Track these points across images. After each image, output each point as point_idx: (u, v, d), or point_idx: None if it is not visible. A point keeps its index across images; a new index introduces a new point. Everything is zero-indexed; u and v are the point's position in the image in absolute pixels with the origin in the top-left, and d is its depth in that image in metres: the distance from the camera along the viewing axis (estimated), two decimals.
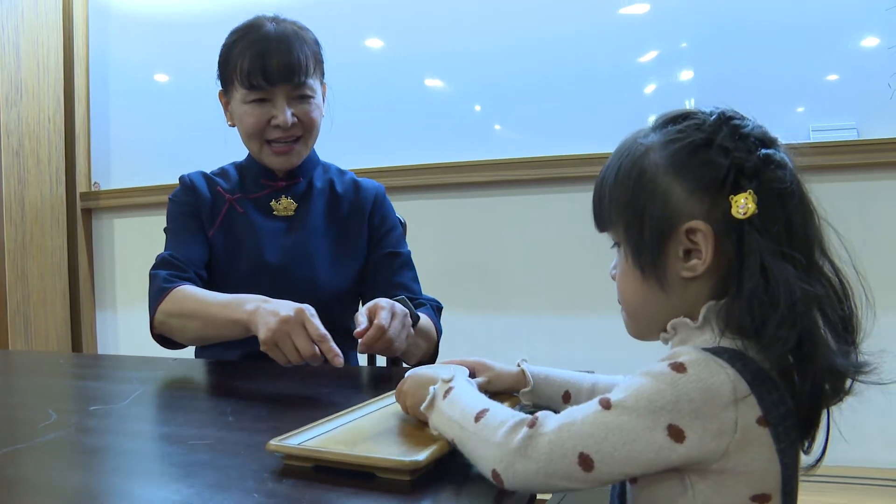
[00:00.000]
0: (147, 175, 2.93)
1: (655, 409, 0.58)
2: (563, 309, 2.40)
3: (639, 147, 0.70)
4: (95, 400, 1.02)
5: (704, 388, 0.59)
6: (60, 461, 0.74)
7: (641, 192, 0.68)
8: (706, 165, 0.65)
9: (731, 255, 0.64)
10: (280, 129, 1.33)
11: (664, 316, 0.70)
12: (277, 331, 1.03)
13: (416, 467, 0.63)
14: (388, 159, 2.55)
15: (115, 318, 3.09)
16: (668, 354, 0.64)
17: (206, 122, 2.73)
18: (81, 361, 1.47)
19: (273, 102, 1.32)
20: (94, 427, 0.86)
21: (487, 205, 2.51)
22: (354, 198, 1.45)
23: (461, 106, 2.52)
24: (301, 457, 0.69)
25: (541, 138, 2.43)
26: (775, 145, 0.68)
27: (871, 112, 2.17)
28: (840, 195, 2.17)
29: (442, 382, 0.73)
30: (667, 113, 0.72)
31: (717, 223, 0.65)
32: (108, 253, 3.08)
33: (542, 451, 0.59)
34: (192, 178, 1.44)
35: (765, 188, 0.64)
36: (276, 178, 1.42)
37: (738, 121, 0.68)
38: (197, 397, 1.05)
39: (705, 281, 0.66)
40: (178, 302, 1.23)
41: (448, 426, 0.68)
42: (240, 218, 1.40)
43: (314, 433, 0.75)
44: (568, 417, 0.61)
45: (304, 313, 1.05)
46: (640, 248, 0.69)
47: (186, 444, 0.78)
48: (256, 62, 1.29)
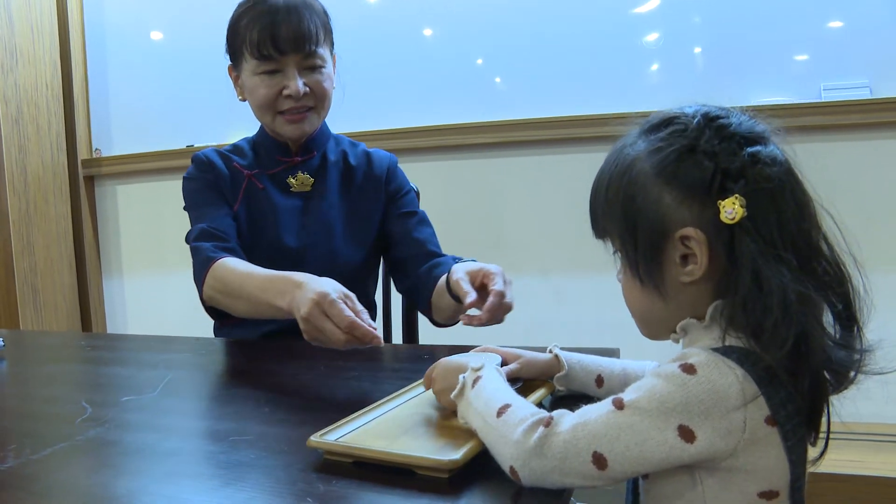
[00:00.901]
0: (149, 141, 2.89)
1: (666, 410, 0.60)
2: (569, 269, 2.40)
3: (626, 157, 0.70)
4: (126, 389, 1.02)
5: (713, 390, 0.60)
6: (105, 462, 0.75)
7: (632, 204, 0.68)
8: (692, 172, 0.65)
9: (725, 258, 0.65)
10: (292, 100, 1.33)
11: (672, 319, 0.71)
12: (307, 331, 1.03)
13: (454, 466, 0.65)
14: (392, 121, 2.52)
15: (121, 285, 3.09)
16: (678, 355, 0.65)
17: (206, 82, 2.71)
18: (102, 343, 1.47)
19: (284, 73, 1.32)
20: (130, 422, 0.87)
21: (493, 166, 2.49)
22: (368, 168, 1.46)
23: (466, 66, 2.49)
24: (341, 453, 0.70)
25: (547, 98, 2.40)
26: (763, 140, 0.67)
27: (884, 70, 2.14)
28: (852, 155, 2.16)
29: (471, 371, 0.75)
30: (651, 117, 0.72)
31: (709, 228, 0.65)
32: (112, 220, 3.06)
33: (558, 450, 0.61)
34: (208, 154, 1.42)
35: (753, 188, 0.64)
36: (290, 153, 1.42)
37: (723, 119, 0.67)
38: (227, 385, 1.06)
39: (707, 282, 0.67)
40: (221, 279, 1.23)
41: (473, 416, 0.70)
42: (260, 194, 1.40)
43: (352, 427, 0.76)
44: (582, 417, 0.63)
45: (322, 303, 1.01)
46: (636, 259, 0.69)
47: (227, 440, 0.79)
48: (265, 32, 1.28)
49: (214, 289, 1.24)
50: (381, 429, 0.76)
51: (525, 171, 2.46)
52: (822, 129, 2.16)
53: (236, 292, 1.20)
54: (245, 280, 1.19)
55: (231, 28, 1.37)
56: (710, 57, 2.29)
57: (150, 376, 1.08)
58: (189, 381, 1.09)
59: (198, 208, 1.38)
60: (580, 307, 2.40)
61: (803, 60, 2.22)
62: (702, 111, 0.69)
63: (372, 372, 1.08)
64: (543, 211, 2.44)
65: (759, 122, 0.69)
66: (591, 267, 2.36)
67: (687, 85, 2.29)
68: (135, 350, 1.34)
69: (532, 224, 2.46)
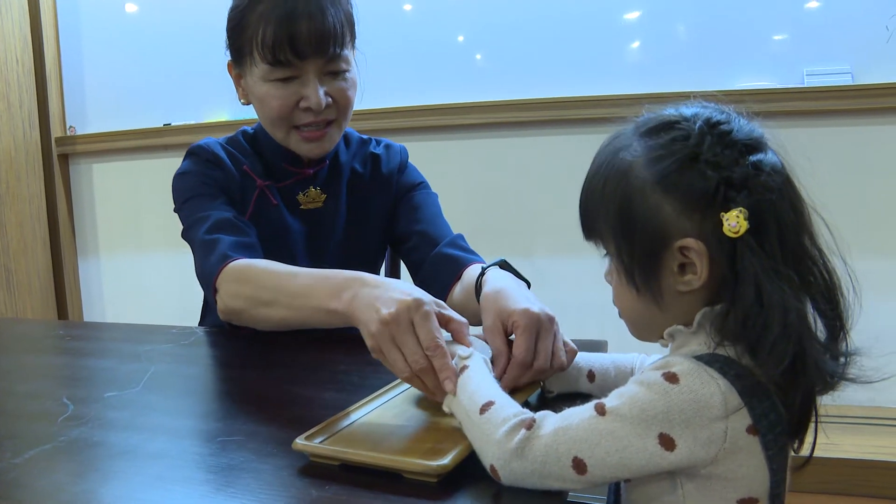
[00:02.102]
0: (125, 118, 2.83)
1: (647, 418, 0.60)
2: (553, 251, 2.41)
3: (622, 162, 0.68)
4: (108, 384, 1.00)
5: (695, 400, 0.60)
6: (90, 466, 0.73)
7: (630, 212, 0.67)
8: (694, 182, 0.64)
9: (726, 269, 0.64)
10: (311, 113, 1.12)
11: (662, 325, 0.71)
12: (380, 335, 0.77)
13: (443, 471, 0.65)
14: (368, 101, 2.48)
15: (98, 266, 3.04)
16: (661, 362, 0.65)
17: (185, 57, 2.66)
18: (81, 332, 1.44)
19: (302, 80, 1.11)
20: (114, 420, 0.85)
21: (474, 147, 2.48)
22: (374, 171, 1.30)
23: (447, 43, 2.46)
24: (328, 456, 0.69)
25: (529, 79, 2.39)
26: (762, 147, 0.66)
27: (867, 56, 2.15)
28: (834, 141, 2.17)
29: (459, 359, 0.75)
30: (649, 119, 0.70)
31: (710, 240, 0.64)
32: (87, 199, 3.00)
33: (538, 453, 0.62)
34: (211, 147, 1.19)
35: (756, 199, 0.63)
36: (301, 163, 1.22)
37: (725, 126, 0.66)
38: (212, 379, 1.04)
39: (700, 291, 0.66)
40: (248, 282, 1.01)
41: (458, 408, 0.71)
42: (272, 212, 1.20)
43: (338, 427, 0.75)
44: (564, 421, 0.63)
45: (415, 309, 0.76)
46: (632, 268, 0.68)
47: (216, 441, 0.78)
48: (282, 31, 1.06)
49: (238, 296, 1.01)
50: (368, 429, 0.76)
51: (506, 152, 2.45)
52: (805, 114, 2.17)
53: (270, 296, 0.98)
54: (283, 280, 0.97)
55: (234, 18, 1.14)
56: (692, 40, 2.28)
57: (132, 369, 1.06)
58: (173, 374, 1.07)
59: (202, 201, 1.14)
60: (564, 290, 2.40)
61: (786, 45, 2.22)
62: (703, 116, 0.67)
63: (359, 365, 1.07)
64: (526, 192, 2.43)
65: (757, 126, 0.68)
66: (574, 249, 2.35)
67: (670, 68, 2.28)
68: (115, 340, 1.31)
69: (514, 206, 2.45)
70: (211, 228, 1.09)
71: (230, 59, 1.19)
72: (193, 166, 1.19)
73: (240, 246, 1.07)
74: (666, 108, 0.70)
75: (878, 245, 2.12)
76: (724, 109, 0.69)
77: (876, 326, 0.67)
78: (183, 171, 1.20)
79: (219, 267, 1.04)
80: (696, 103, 0.70)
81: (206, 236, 1.08)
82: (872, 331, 0.68)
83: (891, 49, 2.13)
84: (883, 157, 2.14)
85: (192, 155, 1.21)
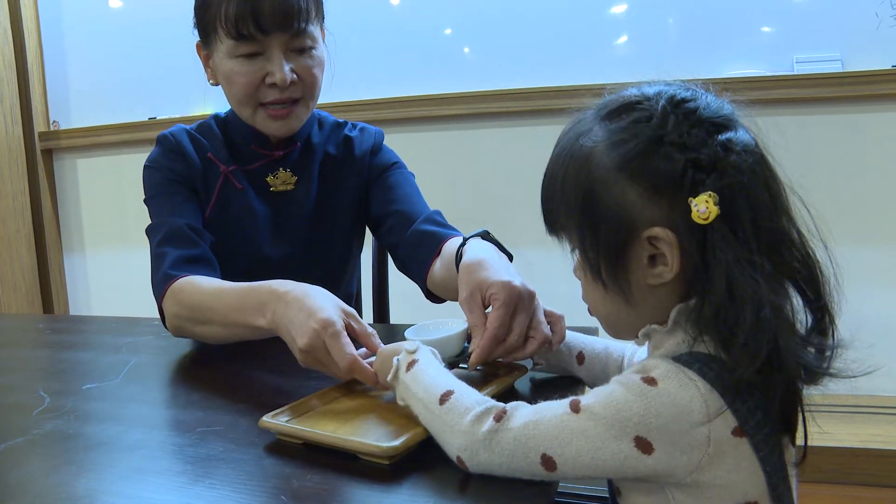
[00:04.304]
0: (110, 113, 2.79)
1: (622, 420, 0.57)
2: (540, 241, 2.38)
3: (582, 149, 0.63)
4: (87, 376, 0.98)
5: (673, 404, 0.57)
6: (64, 458, 0.71)
7: (592, 202, 0.62)
8: (660, 165, 0.59)
9: (697, 259, 0.59)
10: (277, 89, 1.11)
11: (635, 323, 0.66)
12: (305, 362, 0.83)
13: (393, 453, 0.65)
14: (356, 93, 2.46)
15: (83, 261, 3.00)
16: (639, 365, 0.61)
17: (169, 50, 2.62)
18: (62, 326, 1.42)
19: (267, 56, 1.10)
20: (92, 412, 0.83)
21: (461, 138, 2.46)
22: (347, 153, 1.28)
23: (434, 35, 2.43)
24: (291, 435, 0.71)
25: (516, 69, 2.37)
26: (732, 124, 0.61)
27: (856, 43, 2.14)
28: (824, 128, 2.16)
29: (405, 353, 0.73)
30: (609, 101, 0.65)
31: (679, 228, 0.59)
32: (72, 194, 2.96)
33: (506, 447, 0.59)
34: (176, 136, 1.20)
35: (726, 181, 0.58)
36: (269, 145, 1.22)
37: (690, 103, 0.61)
38: (193, 369, 1.02)
39: (672, 284, 0.62)
40: (184, 303, 1.03)
41: (413, 402, 0.68)
42: (237, 197, 1.20)
43: (308, 407, 0.77)
44: (536, 415, 0.60)
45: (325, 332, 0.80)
46: (597, 262, 0.64)
47: (195, 431, 0.76)
48: (245, 5, 1.06)
49: (179, 316, 1.04)
50: (336, 411, 0.77)
51: (493, 142, 2.43)
52: (795, 101, 2.15)
53: (205, 316, 1.01)
54: (213, 299, 0.99)
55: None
56: (681, 28, 2.27)
57: (113, 361, 1.04)
58: (153, 366, 1.05)
59: (160, 200, 1.17)
60: (552, 280, 2.38)
61: (775, 32, 2.20)
62: (666, 94, 0.62)
63: None
64: (512, 183, 2.41)
65: (725, 102, 0.63)
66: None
67: (658, 56, 2.26)
68: (96, 333, 1.29)
69: (501, 196, 2.43)
70: (162, 241, 1.12)
71: (198, 41, 1.18)
72: (159, 157, 1.20)
73: (184, 260, 1.09)
74: (628, 88, 0.66)
75: (868, 233, 2.11)
76: (690, 86, 0.64)
77: (859, 316, 0.64)
78: (150, 162, 1.21)
79: (162, 289, 1.07)
80: (659, 82, 0.65)
81: (157, 249, 1.11)
82: (855, 320, 0.64)
83: (880, 36, 2.12)
84: (872, 144, 2.13)
85: (158, 143, 1.22)
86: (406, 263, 1.21)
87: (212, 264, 1.13)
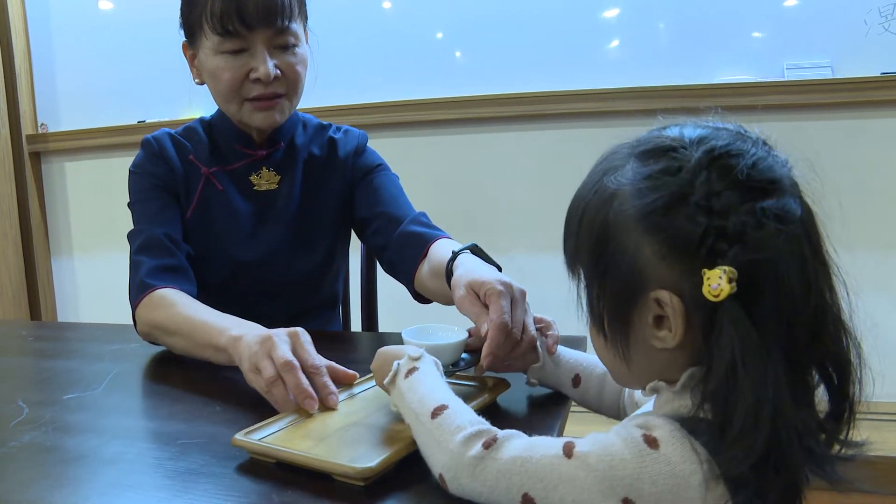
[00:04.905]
0: (99, 116, 2.77)
1: (614, 478, 0.53)
2: (533, 247, 2.38)
3: (607, 188, 0.58)
4: (68, 386, 0.96)
5: (672, 474, 0.52)
6: (40, 472, 0.69)
7: (605, 248, 0.58)
8: (680, 225, 0.54)
9: (699, 334, 0.55)
10: (261, 84, 1.13)
11: (642, 376, 0.61)
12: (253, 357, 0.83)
13: (368, 475, 0.62)
14: (348, 97, 2.45)
15: (71, 264, 2.98)
16: (642, 420, 0.57)
17: (159, 53, 2.60)
18: (45, 333, 1.40)
19: (251, 52, 1.12)
20: (71, 424, 0.81)
21: (453, 142, 2.45)
22: (331, 154, 1.29)
23: (426, 40, 2.43)
24: (263, 454, 0.68)
25: (508, 74, 2.36)
26: (780, 190, 0.54)
27: (846, 49, 2.15)
28: (814, 135, 2.16)
29: (408, 359, 0.70)
30: (646, 138, 0.59)
31: (687, 296, 0.54)
32: (60, 198, 2.94)
33: (489, 477, 0.57)
34: (160, 141, 1.23)
35: (751, 256, 0.52)
36: (254, 145, 1.24)
37: (732, 159, 0.54)
38: (177, 379, 1.00)
39: (683, 348, 0.56)
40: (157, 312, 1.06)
41: (406, 411, 0.66)
42: (218, 198, 1.21)
43: (282, 424, 0.74)
44: (526, 451, 0.56)
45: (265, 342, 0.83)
46: (601, 311, 0.60)
47: (176, 444, 0.74)
48: (230, 2, 1.09)
49: (149, 324, 1.08)
50: (311, 427, 0.74)
51: (486, 147, 2.42)
52: (785, 108, 2.15)
53: (172, 329, 1.04)
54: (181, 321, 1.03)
55: None
56: (672, 34, 2.27)
57: (96, 370, 1.02)
58: (137, 375, 1.04)
59: (142, 207, 1.20)
60: (544, 286, 2.37)
61: (766, 38, 2.21)
62: (708, 143, 0.55)
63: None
64: (505, 187, 2.41)
65: (780, 162, 0.56)
66: (554, 245, 2.33)
67: (650, 62, 2.26)
68: (80, 340, 1.27)
69: (493, 201, 2.43)
70: (139, 249, 1.15)
71: (184, 40, 1.20)
72: (142, 160, 1.23)
73: (159, 270, 1.12)
74: (674, 124, 0.59)
75: (859, 238, 2.11)
76: (746, 135, 0.57)
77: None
78: (134, 167, 1.23)
79: (137, 297, 1.10)
80: (715, 120, 0.59)
81: (135, 256, 1.15)
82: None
83: (870, 42, 2.12)
84: (863, 150, 2.13)
85: (142, 147, 1.24)
86: (393, 265, 1.21)
87: (187, 274, 1.15)
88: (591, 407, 0.85)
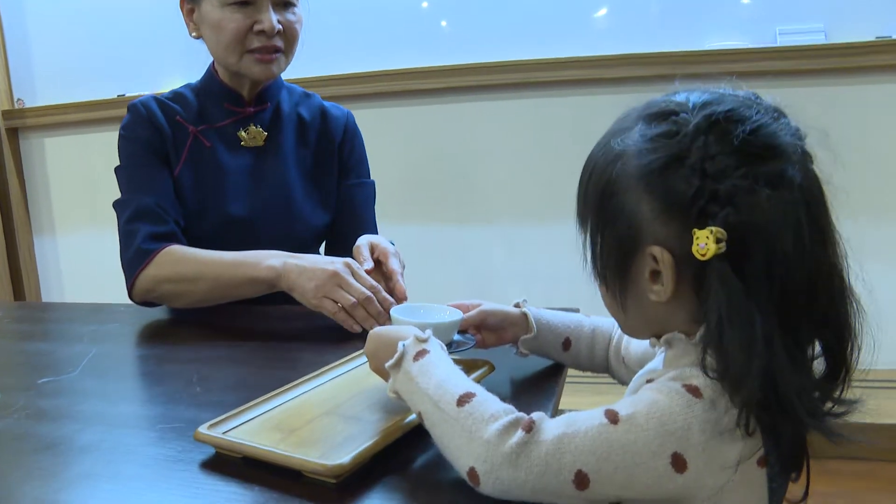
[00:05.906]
0: (77, 90, 2.70)
1: (666, 433, 0.53)
2: (520, 218, 2.35)
3: (614, 149, 0.60)
4: (44, 369, 0.93)
5: (718, 420, 0.53)
6: (10, 462, 0.66)
7: (609, 204, 0.60)
8: (675, 185, 0.56)
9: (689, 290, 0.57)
10: (264, 36, 1.19)
11: (636, 325, 0.64)
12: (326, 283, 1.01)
13: (339, 472, 0.58)
14: (332, 67, 2.40)
15: (54, 242, 2.92)
16: (675, 373, 0.57)
17: (138, 24, 2.54)
18: (22, 314, 1.36)
19: (256, 6, 1.19)
20: (45, 409, 0.78)
21: (439, 112, 2.40)
22: (323, 126, 1.34)
23: (411, 9, 2.37)
24: (228, 449, 0.64)
25: (495, 43, 2.31)
26: (781, 156, 0.55)
27: (840, 13, 2.11)
28: (808, 101, 2.12)
29: (415, 341, 0.65)
30: (654, 103, 0.61)
31: (678, 253, 0.56)
32: (40, 174, 2.88)
33: (537, 463, 0.53)
34: (147, 104, 1.24)
35: (741, 218, 0.53)
36: (242, 103, 1.27)
37: (732, 125, 0.56)
38: (157, 360, 0.97)
39: (679, 303, 0.58)
40: (172, 265, 1.11)
41: (419, 397, 0.60)
42: (206, 154, 1.24)
43: (253, 414, 0.70)
44: (569, 427, 0.54)
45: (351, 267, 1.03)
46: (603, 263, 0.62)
47: (154, 429, 0.72)
48: None
49: (156, 279, 1.11)
50: (283, 417, 0.69)
51: (472, 117, 2.38)
52: (778, 73, 2.12)
53: (192, 276, 1.10)
54: (206, 263, 1.11)
55: None
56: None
57: (73, 352, 0.99)
58: (115, 356, 1.00)
59: (132, 173, 1.22)
60: (532, 257, 2.35)
61: (758, 3, 2.16)
62: (709, 108, 0.57)
63: (315, 342, 1.01)
64: (492, 158, 2.37)
65: (787, 130, 0.57)
66: (542, 216, 2.30)
67: (639, 28, 2.22)
68: (58, 321, 1.24)
69: (480, 171, 2.39)
70: (131, 217, 1.17)
71: None
72: (131, 123, 1.24)
73: (156, 237, 1.15)
74: (683, 90, 0.61)
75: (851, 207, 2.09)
76: (758, 102, 0.58)
77: None
78: (123, 129, 1.25)
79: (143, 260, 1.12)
80: (725, 86, 0.60)
81: (127, 226, 1.17)
82: None
83: (864, 7, 2.09)
84: (856, 116, 2.10)
85: (129, 111, 1.26)
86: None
87: (180, 241, 1.18)
88: (583, 366, 0.85)
